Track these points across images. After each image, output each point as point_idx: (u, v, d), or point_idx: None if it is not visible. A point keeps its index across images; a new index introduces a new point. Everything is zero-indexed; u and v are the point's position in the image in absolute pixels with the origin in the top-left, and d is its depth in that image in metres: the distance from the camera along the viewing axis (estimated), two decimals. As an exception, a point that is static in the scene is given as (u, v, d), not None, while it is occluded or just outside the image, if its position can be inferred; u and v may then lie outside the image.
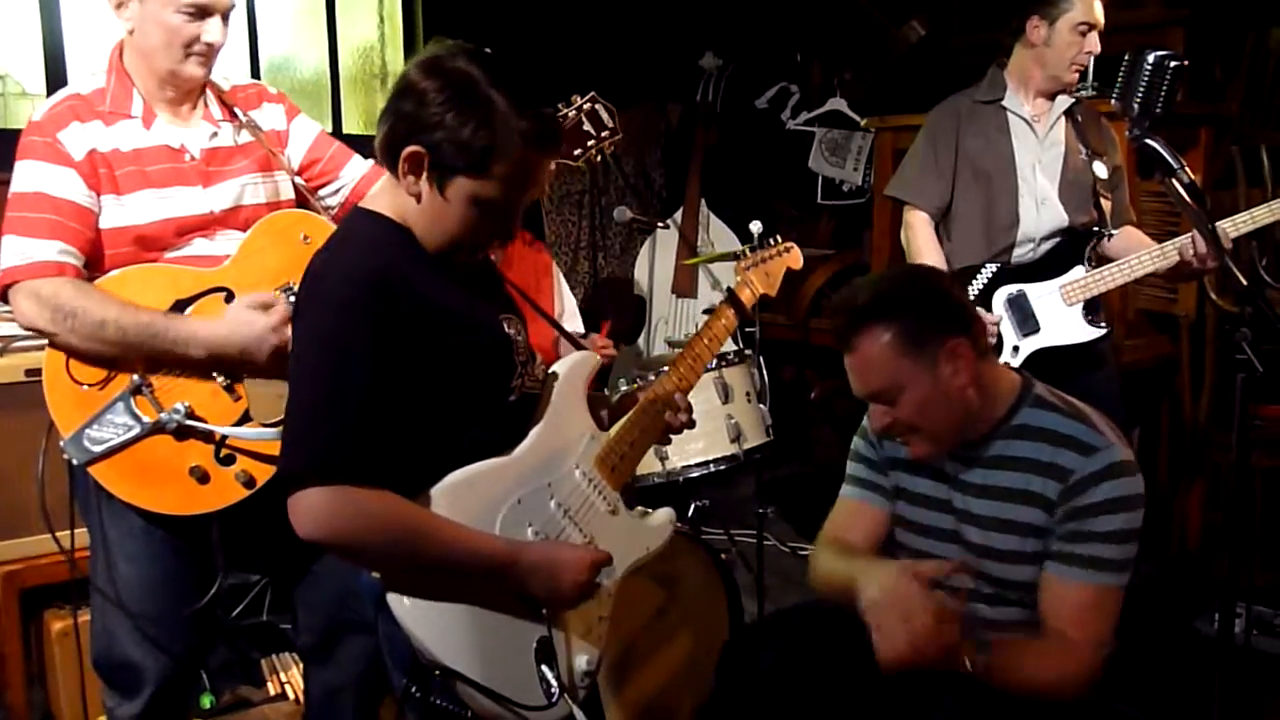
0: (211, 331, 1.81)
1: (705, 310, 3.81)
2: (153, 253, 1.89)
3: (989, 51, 2.93)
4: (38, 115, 1.85)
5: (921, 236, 2.82)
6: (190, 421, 1.83)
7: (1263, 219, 2.56)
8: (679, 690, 2.50)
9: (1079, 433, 1.70)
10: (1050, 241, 2.75)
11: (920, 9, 4.74)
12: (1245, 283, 1.84)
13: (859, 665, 1.73)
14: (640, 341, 4.89)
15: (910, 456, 1.77)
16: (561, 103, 2.46)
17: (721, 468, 2.87)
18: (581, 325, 3.28)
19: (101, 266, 1.86)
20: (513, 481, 1.55)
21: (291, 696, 2.77)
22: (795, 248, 2.08)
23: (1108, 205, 2.76)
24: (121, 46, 1.92)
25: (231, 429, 1.85)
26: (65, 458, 1.83)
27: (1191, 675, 2.43)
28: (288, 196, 2.05)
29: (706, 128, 5.09)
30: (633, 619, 2.45)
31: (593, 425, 1.70)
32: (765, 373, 3.08)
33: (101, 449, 1.81)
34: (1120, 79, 2.04)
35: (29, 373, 2.36)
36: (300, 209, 2.04)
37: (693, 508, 3.07)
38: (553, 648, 1.51)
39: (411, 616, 1.44)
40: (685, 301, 4.83)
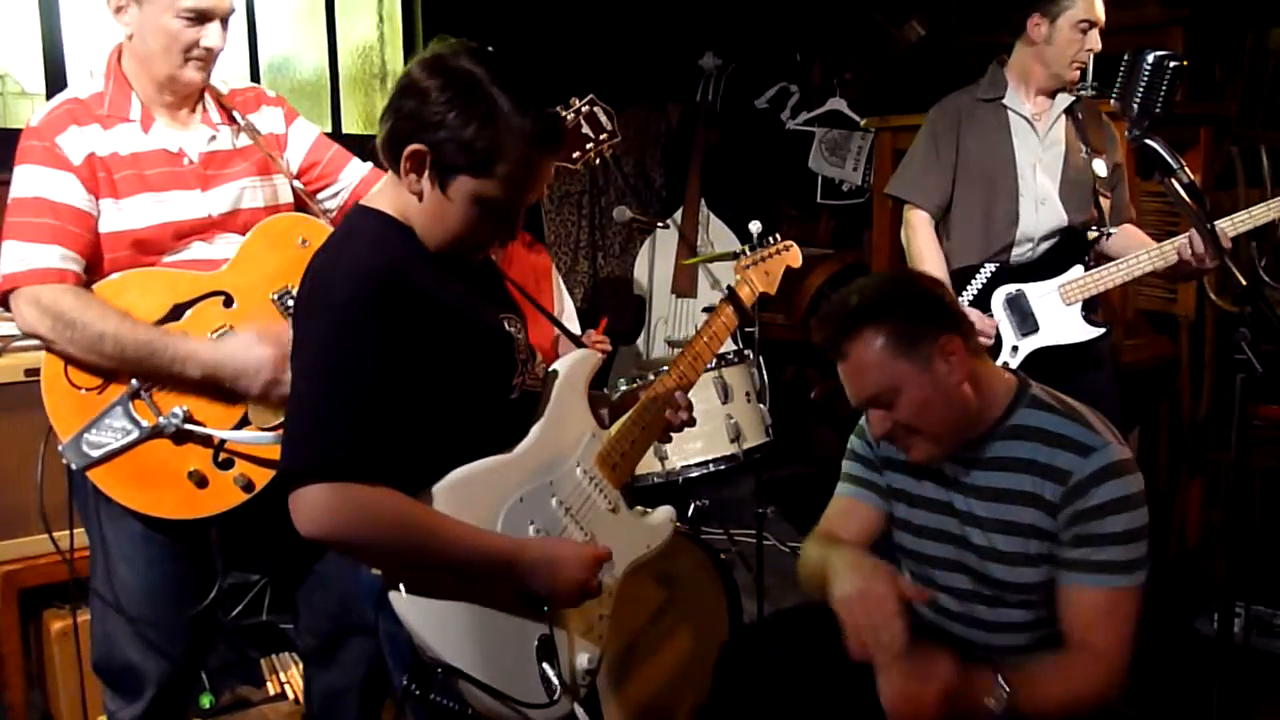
0: (210, 353, 1.81)
1: (705, 309, 3.81)
2: (151, 256, 1.89)
3: (989, 51, 2.93)
4: (35, 120, 1.84)
5: (922, 236, 2.82)
6: (189, 426, 1.82)
7: (1261, 218, 2.55)
8: (678, 689, 2.50)
9: (1076, 433, 1.69)
10: (1049, 241, 2.75)
11: (920, 9, 4.74)
12: (1244, 282, 1.83)
13: (858, 666, 1.73)
14: (640, 341, 4.88)
15: (912, 461, 1.76)
16: (560, 105, 2.45)
17: (721, 467, 2.86)
18: (579, 329, 3.28)
19: (100, 270, 1.86)
20: (514, 479, 1.55)
21: (291, 696, 2.77)
22: (794, 246, 2.08)
23: (1107, 204, 2.76)
24: (119, 50, 1.91)
25: (230, 433, 1.85)
26: (64, 462, 1.83)
27: (1191, 675, 2.43)
28: (286, 200, 2.05)
29: (706, 128, 5.09)
30: (633, 618, 2.45)
31: (594, 423, 1.70)
32: (765, 372, 3.07)
33: (100, 453, 1.81)
34: (1119, 79, 2.03)
35: (28, 372, 2.35)
36: (299, 212, 2.03)
37: (692, 507, 3.07)
38: (554, 645, 1.51)
39: (413, 614, 1.44)
40: (685, 301, 4.83)
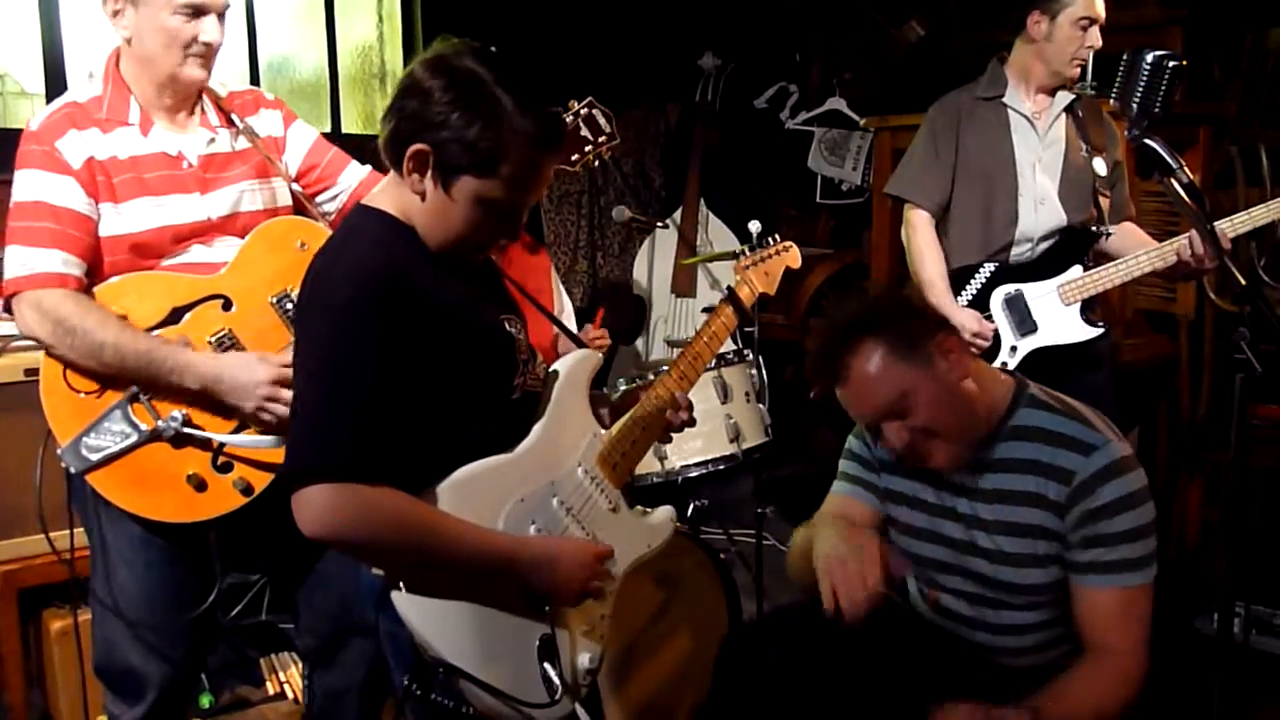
0: (209, 366, 1.80)
1: (705, 310, 3.81)
2: (150, 260, 1.89)
3: (988, 50, 2.93)
4: (34, 124, 1.84)
5: (922, 236, 2.82)
6: (187, 429, 1.83)
7: (1261, 219, 2.55)
8: (678, 689, 2.50)
9: (1077, 432, 1.70)
10: (1048, 241, 2.75)
11: (919, 9, 4.74)
12: (1244, 282, 1.84)
13: (857, 664, 1.73)
14: (639, 341, 4.88)
15: (934, 468, 1.75)
16: (559, 108, 2.45)
17: (720, 467, 2.86)
18: (578, 329, 3.28)
19: (99, 274, 1.86)
20: (516, 479, 1.55)
21: (290, 696, 2.77)
22: (794, 247, 2.08)
23: (1106, 203, 2.76)
24: (117, 55, 1.91)
25: (229, 436, 1.85)
26: (63, 465, 1.83)
27: (1190, 674, 2.43)
28: (285, 203, 2.05)
29: (706, 127, 5.08)
30: (633, 617, 2.45)
31: (595, 424, 1.70)
32: (764, 372, 3.07)
33: (99, 457, 1.81)
34: (1119, 79, 2.03)
35: (28, 372, 2.35)
36: (297, 215, 2.03)
37: (692, 507, 3.07)
38: (555, 645, 1.52)
39: (415, 613, 1.45)
40: (684, 301, 4.83)
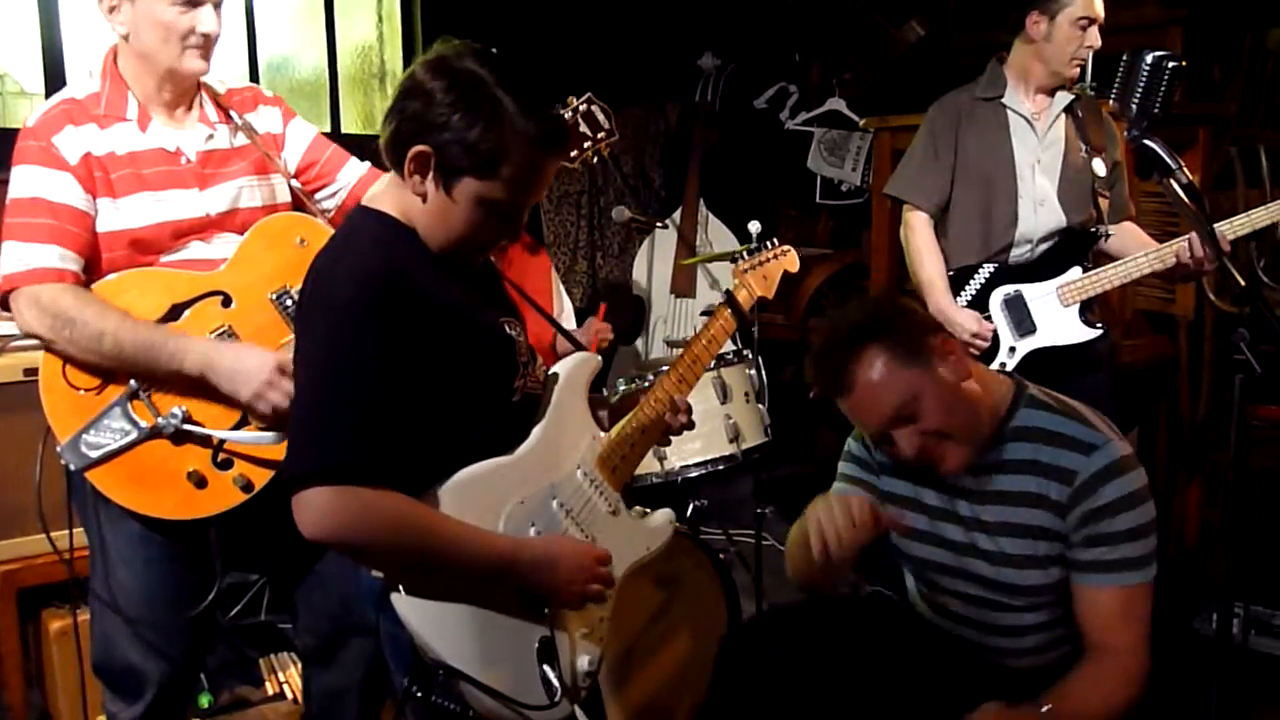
0: (209, 349, 1.79)
1: (704, 311, 3.81)
2: (149, 256, 1.88)
3: (987, 51, 2.93)
4: (32, 120, 1.84)
5: (921, 237, 2.82)
6: (187, 426, 1.82)
7: (1260, 221, 2.55)
8: (678, 690, 2.50)
9: (1077, 431, 1.71)
10: (1048, 242, 2.75)
11: (919, 9, 4.74)
12: (1243, 283, 1.83)
13: (857, 663, 1.73)
14: (639, 342, 4.89)
15: (945, 472, 1.74)
16: (557, 104, 2.45)
17: (720, 468, 2.86)
18: (579, 327, 3.28)
19: (98, 270, 1.86)
20: (516, 482, 1.55)
21: (290, 696, 2.77)
22: (792, 251, 2.08)
23: (1105, 203, 2.75)
24: (114, 51, 1.91)
25: (229, 433, 1.84)
26: (62, 462, 1.83)
27: (1190, 675, 2.43)
28: (284, 199, 2.05)
29: (705, 128, 5.08)
30: (632, 619, 2.45)
31: (594, 426, 1.70)
32: (764, 372, 3.07)
33: (98, 454, 1.81)
34: (1118, 79, 2.03)
35: (28, 372, 2.35)
36: (296, 212, 2.03)
37: (691, 508, 3.07)
38: (555, 647, 1.52)
39: (415, 615, 1.45)
40: (684, 301, 4.83)
